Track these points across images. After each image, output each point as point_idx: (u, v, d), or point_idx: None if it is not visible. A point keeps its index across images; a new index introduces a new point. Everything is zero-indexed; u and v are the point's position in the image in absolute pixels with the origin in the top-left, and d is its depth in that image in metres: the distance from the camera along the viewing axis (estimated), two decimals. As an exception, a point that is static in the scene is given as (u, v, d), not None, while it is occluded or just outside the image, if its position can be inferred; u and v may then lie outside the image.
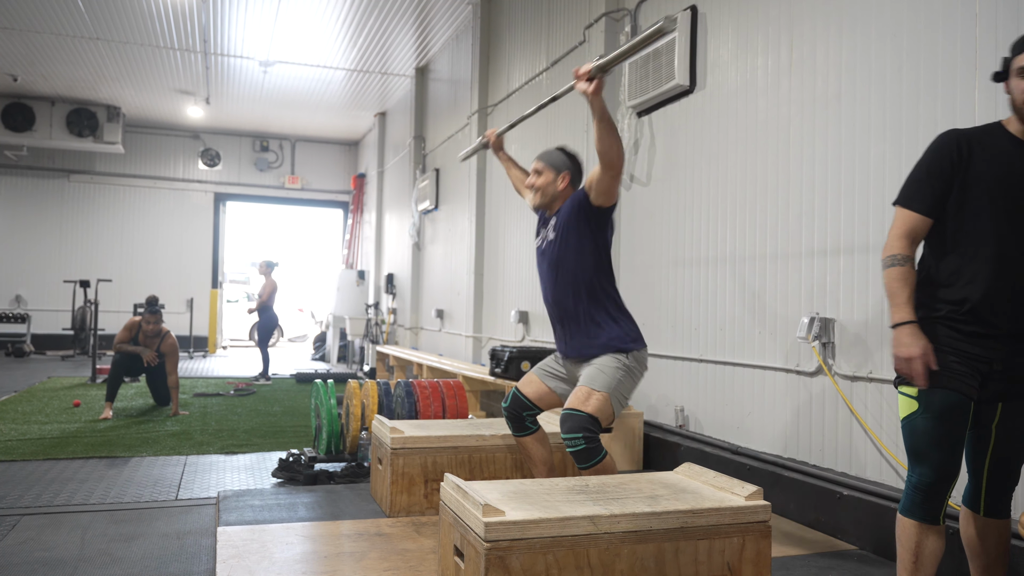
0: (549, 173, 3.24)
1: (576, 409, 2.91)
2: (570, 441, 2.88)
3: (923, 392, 2.08)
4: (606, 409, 2.94)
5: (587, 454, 2.86)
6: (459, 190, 8.73)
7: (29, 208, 13.75)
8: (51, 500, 3.85)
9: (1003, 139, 2.08)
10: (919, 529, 2.07)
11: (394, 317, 11.56)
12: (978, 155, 2.08)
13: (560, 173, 3.24)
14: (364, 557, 2.89)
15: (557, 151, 3.32)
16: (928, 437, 2.07)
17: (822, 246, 3.50)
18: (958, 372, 2.06)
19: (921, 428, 2.08)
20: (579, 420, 2.89)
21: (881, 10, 3.25)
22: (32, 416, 6.41)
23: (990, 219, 2.05)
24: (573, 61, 5.94)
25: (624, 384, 3.02)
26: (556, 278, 3.18)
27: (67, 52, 10.08)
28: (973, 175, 2.07)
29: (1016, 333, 2.06)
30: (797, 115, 3.70)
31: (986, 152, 2.08)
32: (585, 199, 3.09)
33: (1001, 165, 2.05)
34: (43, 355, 12.84)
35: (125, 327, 6.92)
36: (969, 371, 2.06)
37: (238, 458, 5.01)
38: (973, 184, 2.07)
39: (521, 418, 3.29)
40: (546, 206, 3.28)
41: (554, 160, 3.26)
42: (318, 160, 15.49)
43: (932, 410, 2.06)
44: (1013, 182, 2.04)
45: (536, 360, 5.65)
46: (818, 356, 3.46)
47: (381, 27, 9.03)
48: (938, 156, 2.11)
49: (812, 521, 3.43)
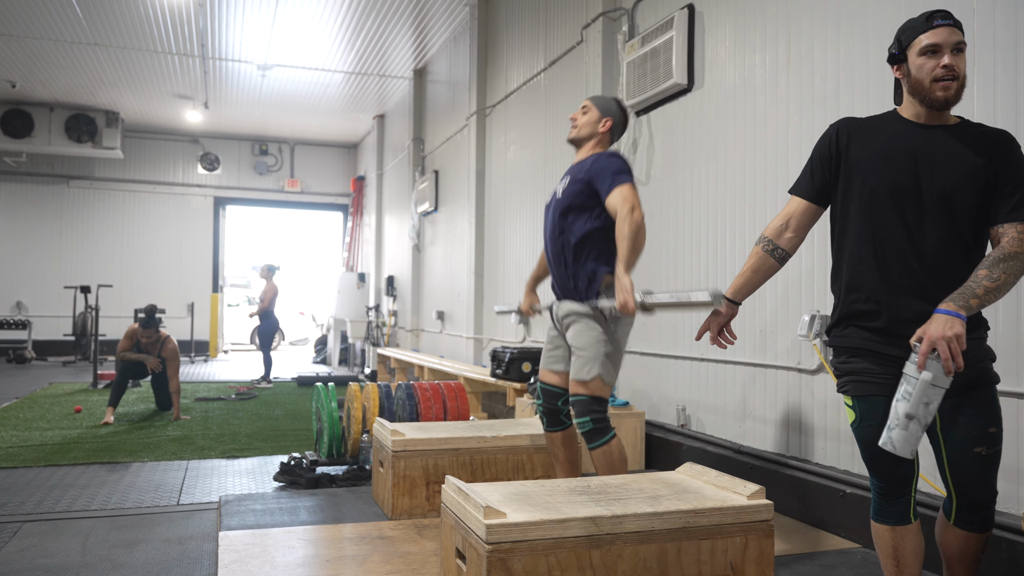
0: (594, 112, 3.30)
1: (577, 394, 3.11)
2: (580, 424, 3.11)
3: (855, 401, 2.03)
4: (601, 386, 3.11)
5: (595, 434, 3.06)
6: (458, 192, 8.73)
7: (29, 214, 13.76)
8: (52, 506, 3.85)
9: (894, 123, 2.05)
10: (892, 532, 2.01)
11: (395, 319, 11.56)
12: (858, 141, 2.06)
13: (604, 117, 3.29)
14: (366, 560, 2.88)
15: (609, 98, 3.37)
16: (868, 447, 2.01)
17: (822, 243, 3.50)
18: (877, 375, 1.99)
19: (860, 437, 2.03)
20: (583, 405, 3.09)
21: (878, 7, 3.24)
22: (33, 422, 6.41)
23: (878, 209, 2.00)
24: (571, 61, 5.93)
25: (611, 353, 3.12)
26: (556, 221, 3.23)
27: (65, 58, 10.09)
28: (851, 161, 2.06)
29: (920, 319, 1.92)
30: (795, 113, 3.70)
31: (869, 137, 2.05)
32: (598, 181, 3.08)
33: (884, 148, 2.01)
34: (44, 361, 12.84)
35: (126, 335, 6.93)
36: (887, 372, 1.97)
37: (239, 462, 5.01)
38: (853, 170, 2.05)
39: (557, 410, 3.33)
40: (579, 143, 3.33)
41: (603, 103, 3.32)
42: (317, 163, 15.50)
43: (865, 419, 2.01)
44: (899, 164, 1.99)
45: (537, 361, 5.65)
46: (819, 354, 3.45)
47: (379, 29, 9.03)
48: (819, 144, 2.14)
49: (815, 520, 3.42)
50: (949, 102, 1.97)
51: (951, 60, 1.93)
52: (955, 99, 1.97)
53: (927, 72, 1.96)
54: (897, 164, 1.99)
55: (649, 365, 4.83)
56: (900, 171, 1.98)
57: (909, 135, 2.01)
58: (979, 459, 1.95)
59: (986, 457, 1.96)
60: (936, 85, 1.96)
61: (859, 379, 2.02)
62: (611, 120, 3.28)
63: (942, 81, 1.94)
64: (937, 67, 1.95)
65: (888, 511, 2.01)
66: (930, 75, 1.95)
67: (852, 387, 2.03)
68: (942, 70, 1.94)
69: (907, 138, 2.01)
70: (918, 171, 1.97)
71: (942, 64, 1.94)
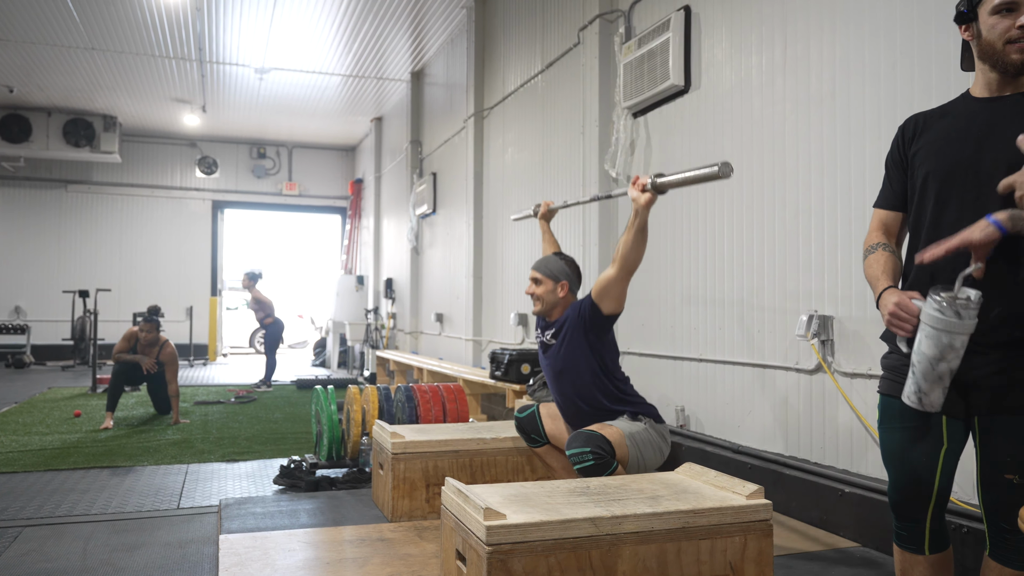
0: (548, 283, 3.34)
1: (590, 430, 2.94)
2: (577, 457, 2.85)
3: (879, 397, 1.91)
4: (621, 443, 2.95)
5: (595, 470, 2.83)
6: (457, 194, 8.74)
7: (27, 219, 13.75)
8: (53, 511, 3.85)
9: (959, 104, 1.88)
10: (902, 556, 1.88)
11: (394, 322, 11.56)
12: (922, 133, 1.91)
13: (558, 282, 3.33)
14: (366, 563, 2.89)
15: (554, 258, 3.40)
16: (883, 449, 1.89)
17: (819, 243, 3.51)
18: (902, 373, 1.82)
19: (880, 439, 1.92)
20: (591, 438, 2.88)
21: (874, 6, 3.25)
22: (33, 427, 6.40)
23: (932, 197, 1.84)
24: (568, 63, 5.94)
25: (642, 436, 3.05)
26: (562, 383, 3.28)
27: (63, 63, 10.09)
28: (911, 156, 1.91)
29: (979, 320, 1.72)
30: (792, 113, 3.71)
31: (933, 126, 1.89)
32: (593, 311, 3.16)
33: (944, 132, 1.84)
34: (43, 366, 12.83)
35: (124, 337, 6.93)
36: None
37: (239, 466, 5.01)
38: (917, 166, 1.89)
39: (528, 435, 3.47)
40: (546, 314, 3.37)
41: (552, 269, 3.35)
42: (315, 166, 15.50)
43: (883, 419, 1.90)
44: (957, 145, 1.81)
45: (536, 362, 5.65)
46: (817, 354, 3.46)
47: (376, 32, 9.04)
48: (890, 148, 2.00)
49: (814, 519, 3.43)
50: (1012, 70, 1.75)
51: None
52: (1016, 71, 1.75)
53: (1000, 33, 1.74)
54: (954, 146, 1.81)
55: (648, 366, 4.84)
56: (956, 152, 1.81)
57: (974, 113, 1.81)
58: (1010, 487, 1.76)
59: (1018, 486, 1.75)
60: (1011, 47, 1.73)
61: (887, 376, 1.91)
62: (566, 282, 3.34)
63: (1018, 43, 1.72)
64: (1013, 27, 1.72)
65: (899, 531, 1.89)
66: (1003, 36, 1.73)
67: (881, 383, 1.92)
68: (1018, 31, 1.71)
69: (970, 117, 1.81)
70: (982, 147, 1.77)
71: (1019, 24, 1.71)
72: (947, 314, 1.64)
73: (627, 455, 2.97)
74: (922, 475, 1.82)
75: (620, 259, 3.03)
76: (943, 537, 1.87)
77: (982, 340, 1.74)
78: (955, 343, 1.65)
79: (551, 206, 3.89)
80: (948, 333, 1.64)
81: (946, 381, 1.68)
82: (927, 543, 1.84)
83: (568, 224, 5.64)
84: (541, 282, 3.34)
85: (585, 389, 3.21)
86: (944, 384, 1.68)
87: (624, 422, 3.12)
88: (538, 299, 3.36)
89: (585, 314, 3.19)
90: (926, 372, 1.68)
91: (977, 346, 1.74)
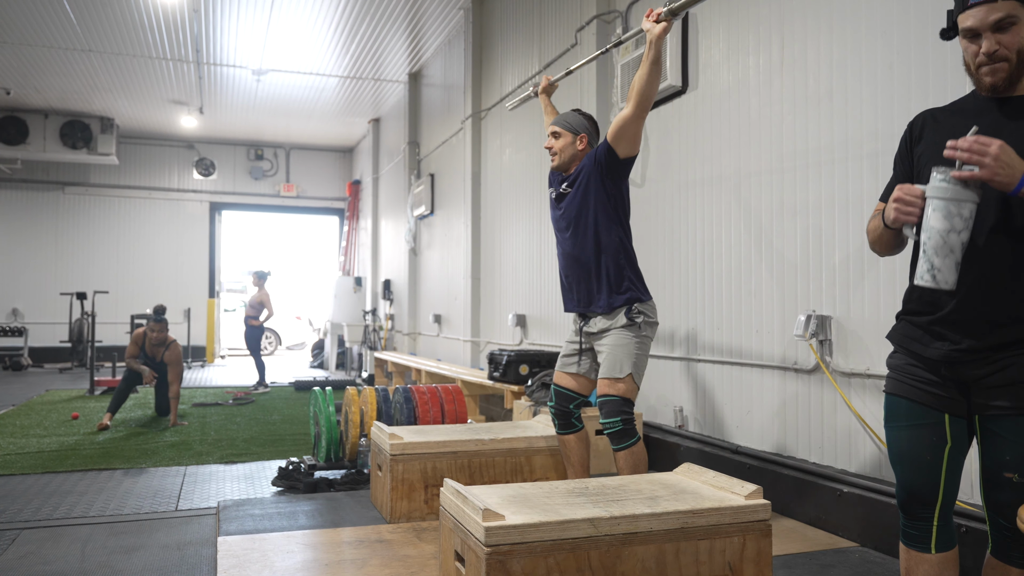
0: (567, 135, 3.36)
1: (607, 394, 3.13)
2: (608, 424, 3.13)
3: (885, 397, 1.92)
4: (632, 387, 3.17)
5: (623, 435, 3.10)
6: (454, 195, 8.74)
7: (24, 221, 13.73)
8: (50, 513, 3.84)
9: (969, 102, 1.87)
10: (908, 555, 1.88)
11: (392, 323, 11.55)
12: (929, 130, 1.90)
13: (578, 135, 3.35)
14: (365, 564, 2.88)
15: (574, 113, 3.43)
16: (889, 448, 1.90)
17: (817, 243, 3.51)
18: (906, 372, 1.85)
19: (887, 438, 1.92)
20: (614, 405, 3.13)
21: (871, 7, 3.26)
22: (30, 429, 6.39)
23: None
24: (565, 63, 5.94)
25: (641, 355, 3.20)
26: (574, 232, 3.28)
27: (60, 64, 10.08)
28: (921, 155, 1.89)
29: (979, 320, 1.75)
30: (789, 113, 3.71)
31: (940, 123, 1.88)
32: (609, 155, 3.18)
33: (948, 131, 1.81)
34: (41, 368, 12.82)
35: (132, 340, 7.07)
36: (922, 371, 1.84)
37: (237, 467, 5.00)
38: (923, 164, 1.88)
39: (568, 413, 3.40)
40: (565, 168, 3.38)
41: (572, 122, 3.37)
42: (313, 167, 15.49)
43: (889, 418, 1.90)
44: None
45: (534, 363, 5.65)
46: (815, 354, 3.46)
47: (373, 33, 9.04)
48: (900, 143, 1.99)
49: (812, 519, 3.43)
50: (998, 88, 1.76)
51: (991, 43, 1.72)
52: (1005, 83, 1.75)
53: (971, 56, 1.77)
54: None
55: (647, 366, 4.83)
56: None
57: (982, 112, 1.81)
58: (1011, 485, 1.76)
59: (1019, 485, 1.75)
60: (982, 70, 1.76)
61: (892, 376, 1.92)
62: (585, 135, 3.36)
63: (987, 66, 1.74)
64: (978, 52, 1.75)
65: (906, 529, 1.89)
66: (974, 60, 1.77)
67: (887, 382, 1.93)
68: (983, 56, 1.74)
69: (978, 115, 1.81)
70: None
71: (983, 51, 1.73)
72: (952, 183, 1.65)
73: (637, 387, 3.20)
74: (928, 474, 1.83)
75: (635, 95, 3.04)
76: (950, 536, 1.86)
77: (983, 341, 1.75)
78: (963, 211, 1.66)
79: (551, 79, 3.90)
80: (956, 202, 1.66)
81: (958, 255, 1.68)
82: (934, 542, 1.85)
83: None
84: (561, 135, 3.36)
85: (596, 240, 3.21)
86: (956, 259, 1.67)
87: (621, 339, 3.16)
88: (557, 153, 3.36)
89: (601, 159, 3.20)
90: (938, 246, 1.68)
91: (978, 347, 1.76)
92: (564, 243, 3.35)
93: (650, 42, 2.98)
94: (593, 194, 3.22)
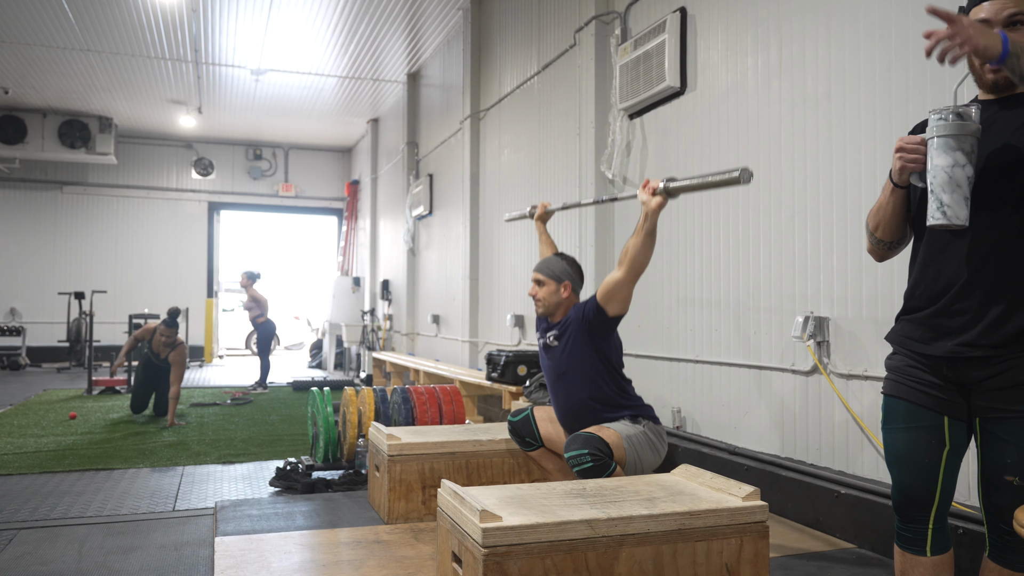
0: (551, 283, 3.33)
1: (588, 432, 2.96)
2: (576, 459, 2.88)
3: (884, 398, 1.91)
4: (618, 445, 2.97)
5: (593, 472, 2.85)
6: (453, 195, 8.73)
7: (22, 220, 13.71)
8: (48, 513, 3.84)
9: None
10: (903, 557, 1.87)
11: (390, 323, 11.55)
12: None
13: (561, 283, 3.33)
14: (363, 565, 2.88)
15: (556, 259, 3.39)
16: (886, 450, 1.89)
17: (815, 245, 3.51)
18: (905, 374, 1.85)
19: (883, 440, 1.92)
20: (589, 440, 2.92)
21: (869, 8, 3.26)
22: (28, 429, 6.39)
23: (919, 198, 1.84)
24: (564, 64, 5.95)
25: (639, 439, 3.07)
26: (564, 385, 3.26)
27: (58, 64, 10.06)
28: None
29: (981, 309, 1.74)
30: (788, 115, 3.71)
31: None
32: (598, 313, 3.15)
33: None
34: (39, 368, 12.80)
35: (135, 336, 7.28)
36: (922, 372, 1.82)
37: (235, 468, 5.00)
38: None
39: (523, 439, 3.45)
40: (549, 315, 3.36)
41: (555, 270, 3.34)
42: (311, 167, 15.48)
43: (887, 420, 1.90)
44: None
45: (532, 364, 5.65)
46: (813, 355, 3.47)
47: (372, 33, 9.03)
48: None
49: (810, 520, 3.43)
50: (1000, 85, 1.76)
51: None
52: (1006, 81, 1.74)
53: None
54: None
55: (644, 367, 4.84)
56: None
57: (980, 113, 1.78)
58: (1011, 488, 1.75)
59: (1018, 488, 1.74)
60: (986, 68, 1.75)
61: (890, 377, 1.91)
62: (569, 282, 3.34)
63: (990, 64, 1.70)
64: None
65: (901, 532, 1.88)
66: None
67: (885, 384, 1.92)
68: None
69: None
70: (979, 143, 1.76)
71: None
72: (950, 119, 1.68)
73: (625, 457, 3.00)
74: (925, 476, 1.82)
75: (628, 262, 3.04)
76: (945, 539, 1.86)
77: (983, 342, 1.75)
78: (964, 146, 1.68)
79: (548, 208, 3.85)
80: (956, 137, 1.68)
81: (965, 190, 1.68)
82: (929, 545, 1.84)
83: (564, 225, 5.64)
84: (544, 283, 3.33)
85: (587, 391, 3.20)
86: (964, 193, 1.68)
87: (623, 425, 3.12)
88: (541, 301, 3.34)
89: (590, 316, 3.18)
90: (944, 183, 1.69)
91: (978, 348, 1.76)
92: (556, 392, 3.32)
93: (646, 214, 2.98)
94: (581, 353, 3.20)
